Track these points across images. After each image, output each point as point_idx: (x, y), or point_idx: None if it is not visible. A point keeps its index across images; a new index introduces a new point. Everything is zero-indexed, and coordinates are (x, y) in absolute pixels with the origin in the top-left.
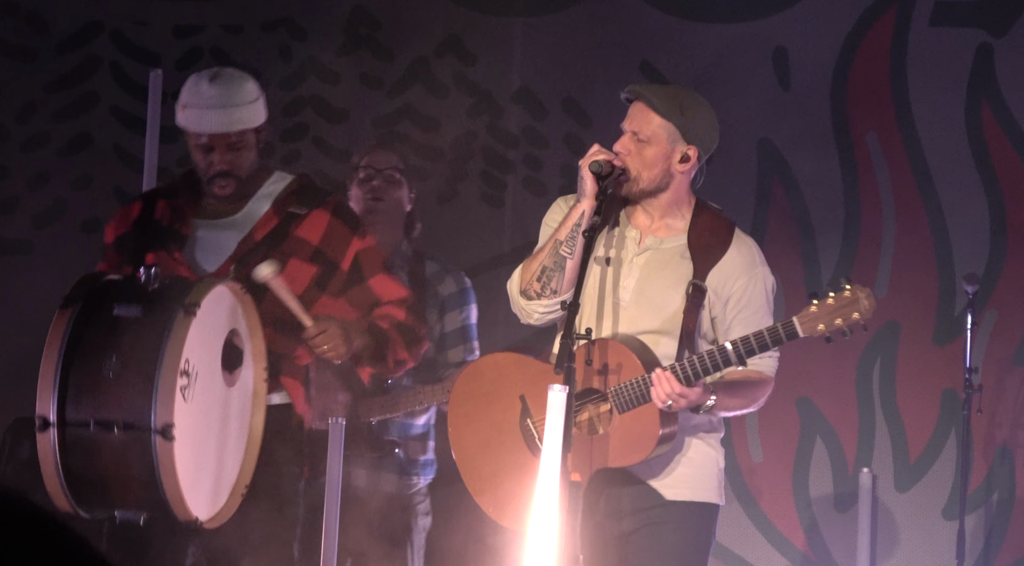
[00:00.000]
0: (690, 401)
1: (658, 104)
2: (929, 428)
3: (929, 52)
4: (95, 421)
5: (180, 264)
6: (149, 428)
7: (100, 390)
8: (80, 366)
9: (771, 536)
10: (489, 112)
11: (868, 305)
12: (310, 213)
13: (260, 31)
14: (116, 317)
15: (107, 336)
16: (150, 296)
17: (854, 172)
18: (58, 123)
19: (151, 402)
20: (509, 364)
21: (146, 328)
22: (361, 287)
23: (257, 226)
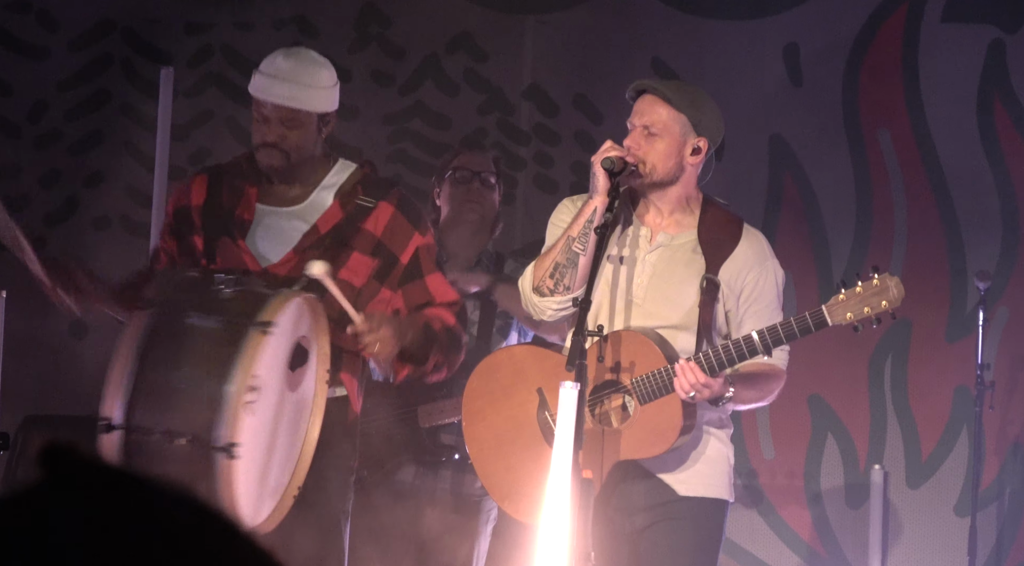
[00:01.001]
0: (713, 392)
1: (670, 96)
2: (941, 425)
3: (941, 48)
4: (161, 430)
5: (243, 252)
6: (214, 445)
7: (170, 400)
8: (152, 373)
9: (782, 533)
10: (500, 109)
11: (897, 293)
12: (376, 205)
13: (271, 29)
14: (191, 325)
15: (180, 345)
16: (226, 306)
17: (866, 168)
18: (70, 121)
19: (219, 419)
20: (526, 357)
21: (220, 342)
22: (418, 283)
23: (322, 218)
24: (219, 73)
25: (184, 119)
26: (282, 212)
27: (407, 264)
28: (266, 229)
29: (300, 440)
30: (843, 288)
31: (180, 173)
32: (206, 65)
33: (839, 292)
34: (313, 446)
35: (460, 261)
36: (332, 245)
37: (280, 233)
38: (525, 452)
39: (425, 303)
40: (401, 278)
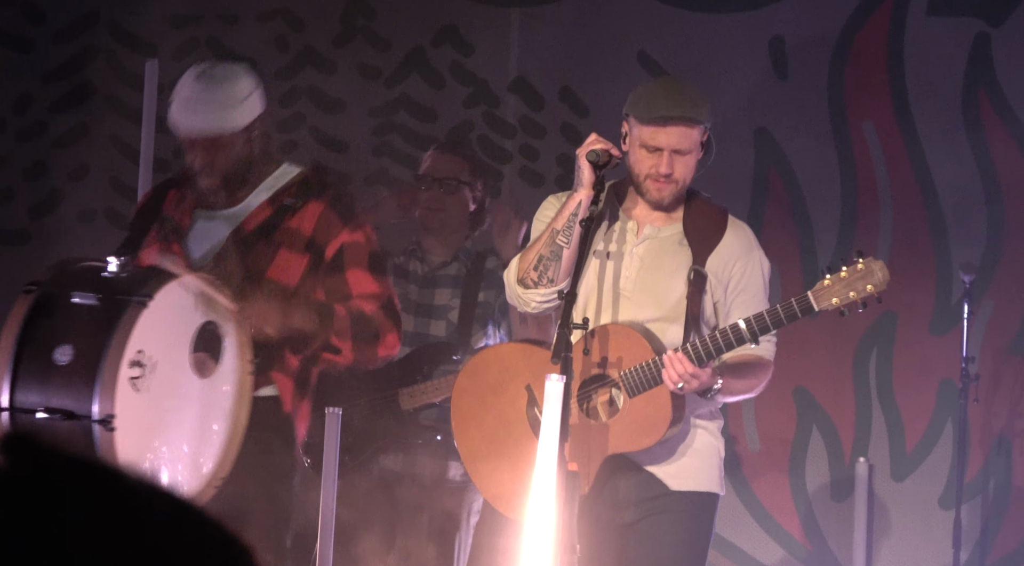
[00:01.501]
0: (701, 382)
1: (697, 116)
2: (926, 418)
3: (926, 41)
4: (44, 408)
5: (178, 256)
6: (90, 417)
7: (50, 377)
8: (32, 352)
9: (767, 525)
10: (486, 102)
11: (882, 277)
12: (306, 205)
13: (256, 21)
14: (73, 304)
15: (62, 323)
16: (110, 285)
17: (851, 161)
18: (54, 113)
19: (94, 391)
20: (514, 354)
21: (99, 317)
22: (337, 278)
23: (249, 217)
24: None
25: None
26: (216, 215)
27: (330, 259)
28: (199, 232)
29: (223, 430)
30: (828, 273)
31: (165, 166)
32: (191, 57)
33: (824, 277)
34: (239, 438)
35: (433, 259)
36: (257, 243)
37: (210, 235)
38: (516, 449)
39: (344, 297)
40: (323, 272)
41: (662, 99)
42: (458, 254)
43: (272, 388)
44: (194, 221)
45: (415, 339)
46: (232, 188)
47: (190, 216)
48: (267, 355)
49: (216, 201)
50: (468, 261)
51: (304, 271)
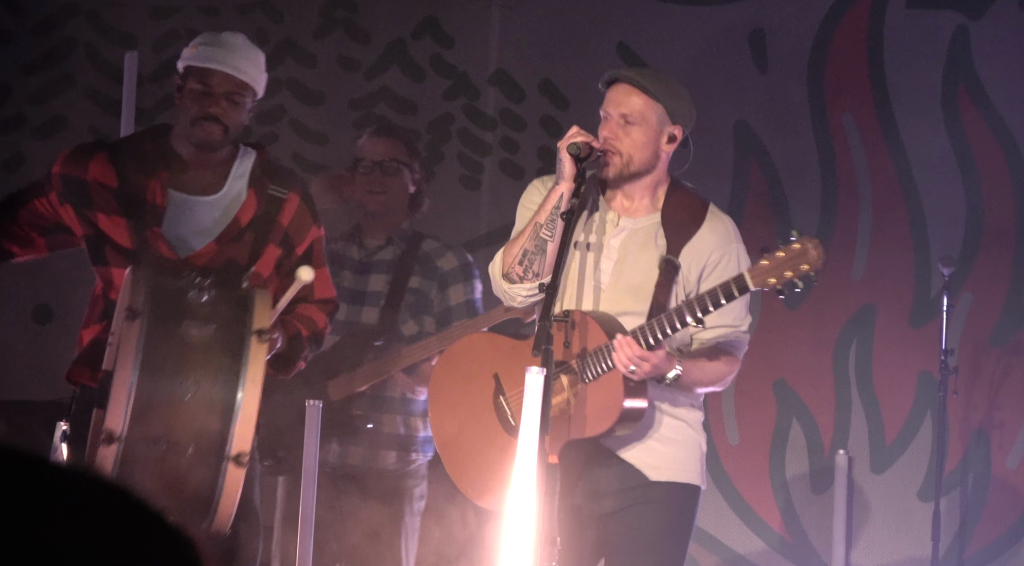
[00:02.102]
0: (653, 365)
1: (647, 85)
2: (905, 410)
3: (906, 34)
4: (166, 441)
5: (158, 238)
6: (225, 455)
7: (174, 410)
8: (153, 384)
9: (747, 518)
10: (466, 94)
11: (816, 255)
12: (287, 196)
13: (236, 13)
14: (187, 334)
15: (181, 355)
16: (215, 310)
17: (831, 154)
18: (34, 105)
19: (230, 429)
20: (485, 344)
21: (219, 350)
22: None
23: (243, 210)
24: None
25: (149, 104)
26: (199, 201)
27: (300, 255)
28: (182, 217)
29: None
30: (765, 253)
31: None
32: (171, 49)
33: (761, 258)
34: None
35: (370, 244)
36: (252, 237)
37: (198, 223)
38: (484, 439)
39: (304, 296)
40: (290, 267)
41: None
42: (392, 237)
43: None
44: (172, 204)
45: (346, 327)
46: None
47: (164, 197)
48: None
49: (195, 184)
50: (403, 244)
51: (275, 263)
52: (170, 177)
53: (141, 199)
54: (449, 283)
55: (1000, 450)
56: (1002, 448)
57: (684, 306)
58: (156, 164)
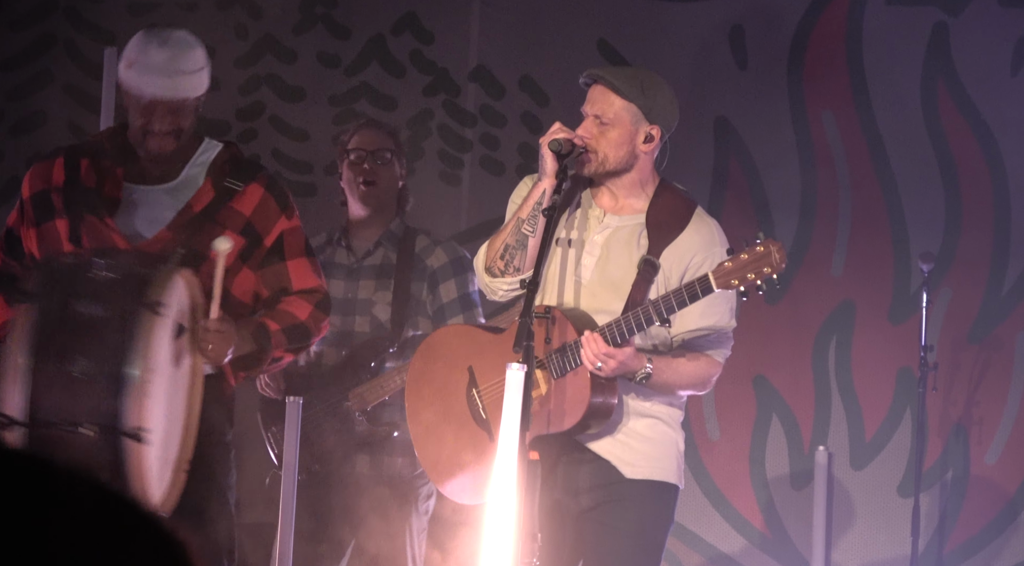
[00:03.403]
0: (619, 362)
1: (620, 86)
2: (885, 406)
3: (885, 31)
4: (64, 422)
5: (111, 230)
6: (122, 430)
7: (69, 390)
8: (46, 365)
9: (727, 514)
10: (446, 90)
11: (778, 258)
12: (247, 185)
13: (215, 9)
14: (79, 313)
15: (72, 335)
16: (109, 289)
17: (810, 151)
18: (12, 101)
19: (124, 404)
20: (459, 336)
21: (111, 326)
22: (277, 267)
23: (195, 197)
24: None
25: None
26: (153, 190)
27: (270, 247)
28: (135, 207)
29: (183, 414)
30: (729, 255)
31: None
32: None
33: (725, 259)
34: (196, 420)
35: (359, 248)
36: (205, 224)
37: (151, 211)
38: (456, 431)
39: (282, 289)
40: (263, 260)
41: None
42: (382, 240)
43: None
44: (127, 195)
45: (340, 338)
46: (176, 157)
47: (120, 188)
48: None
49: (150, 174)
50: (394, 247)
51: (237, 253)
52: (126, 170)
53: (97, 193)
54: (439, 280)
55: (979, 446)
56: (981, 444)
57: (651, 305)
58: (112, 159)
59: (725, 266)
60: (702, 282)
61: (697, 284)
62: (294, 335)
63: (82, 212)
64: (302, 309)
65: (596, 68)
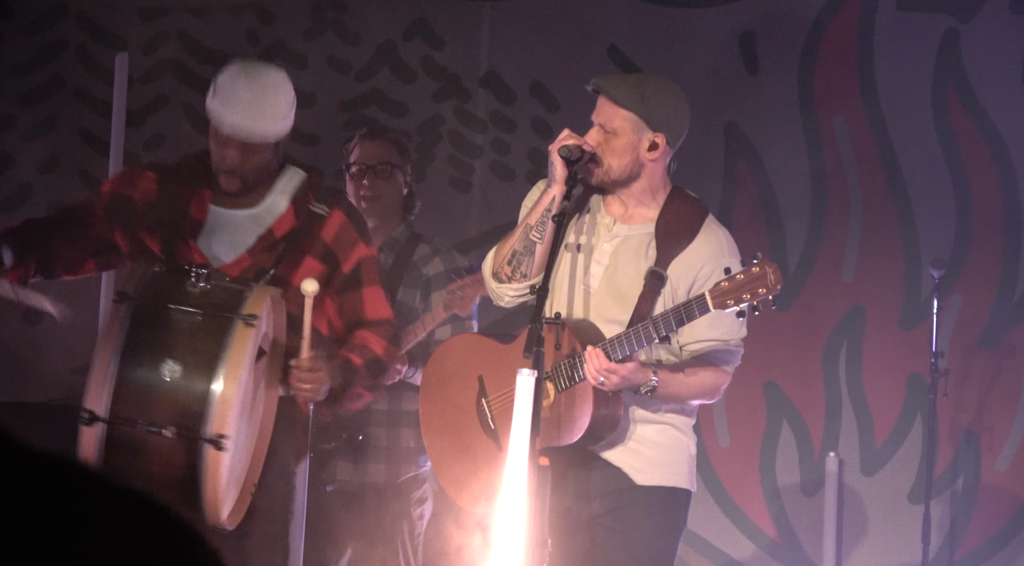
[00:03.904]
0: (622, 377)
1: (618, 96)
2: (895, 412)
3: (896, 37)
4: (146, 422)
5: (194, 252)
6: (202, 436)
7: (155, 392)
8: (135, 365)
9: (738, 520)
10: (456, 96)
11: (774, 280)
12: (330, 212)
13: (227, 14)
14: (173, 318)
15: (164, 337)
16: (205, 299)
17: (821, 156)
18: (24, 106)
19: (209, 410)
20: (470, 345)
21: (204, 334)
22: (354, 294)
23: (278, 223)
24: (174, 59)
25: (139, 105)
26: (236, 215)
27: (348, 274)
28: (219, 230)
29: (255, 436)
30: (726, 275)
31: (135, 159)
32: (161, 51)
33: (723, 279)
34: (267, 444)
35: None
36: (286, 250)
37: (233, 235)
38: (466, 439)
39: (357, 318)
40: (340, 287)
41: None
42: (383, 247)
43: (285, 387)
44: (212, 218)
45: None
46: (257, 186)
47: (206, 211)
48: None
49: (234, 199)
50: (392, 254)
51: (318, 278)
52: (213, 193)
53: (183, 213)
54: (432, 288)
55: (990, 452)
56: (992, 450)
57: (651, 322)
58: (200, 181)
59: (722, 286)
60: (699, 302)
61: (695, 303)
62: (374, 370)
63: (169, 231)
64: (377, 344)
65: (599, 76)
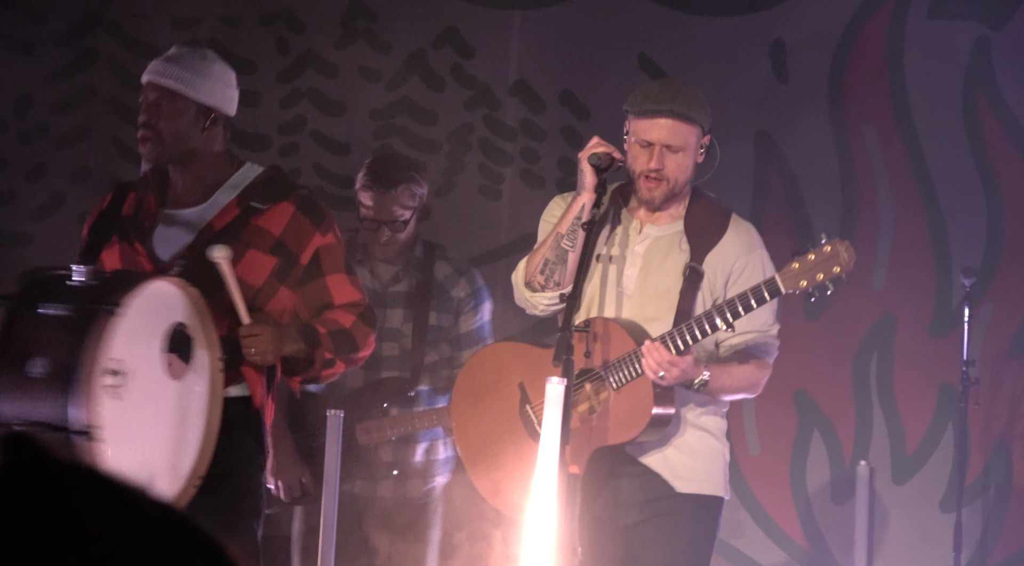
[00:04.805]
0: (682, 370)
1: (693, 114)
2: (926, 421)
3: (927, 45)
4: (20, 422)
5: (140, 255)
6: (71, 429)
7: (25, 391)
8: (5, 366)
9: (768, 529)
10: (486, 105)
11: (848, 257)
12: (274, 206)
13: (258, 23)
14: (42, 315)
15: (33, 335)
16: (78, 294)
17: (851, 165)
18: (56, 116)
19: (73, 403)
20: (508, 353)
21: (70, 327)
22: (317, 283)
23: (217, 216)
24: None
25: None
26: (182, 213)
27: (307, 265)
28: (164, 231)
29: (199, 430)
30: (796, 256)
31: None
32: None
33: (792, 261)
34: (214, 437)
35: (383, 274)
36: (226, 242)
37: (177, 233)
38: (509, 447)
39: (324, 305)
40: (301, 279)
41: (657, 94)
42: (405, 267)
43: (240, 387)
44: (158, 221)
45: (369, 363)
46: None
47: (154, 216)
48: (235, 351)
49: (182, 199)
50: (416, 274)
51: (271, 273)
52: (161, 197)
53: (132, 220)
54: (462, 311)
55: (1021, 461)
56: (1023, 459)
57: (715, 310)
58: (150, 188)
59: (793, 267)
60: (769, 284)
61: (764, 287)
62: (340, 340)
63: (112, 238)
64: (346, 318)
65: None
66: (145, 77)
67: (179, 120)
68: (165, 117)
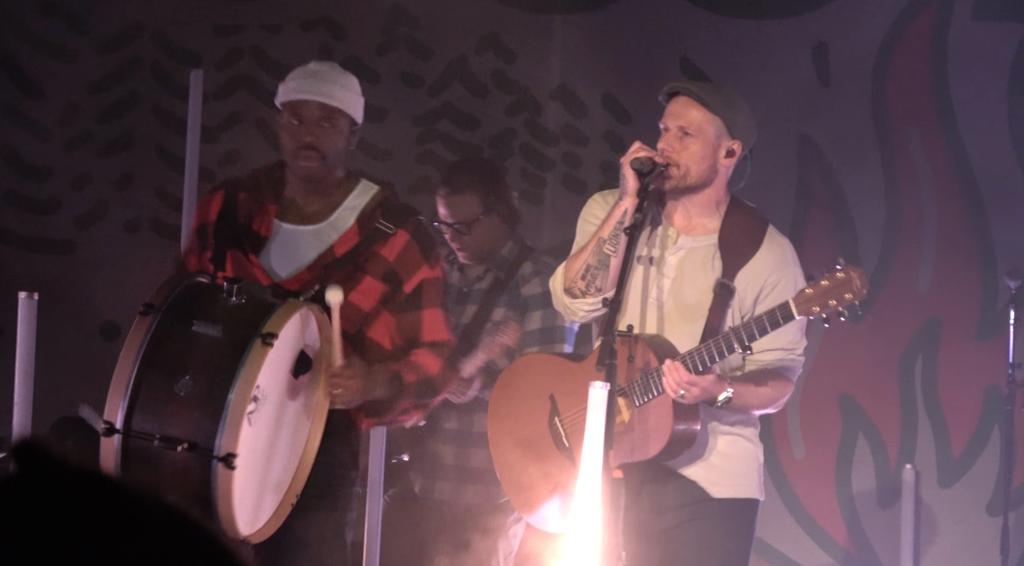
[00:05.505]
0: (702, 389)
1: (706, 98)
2: (972, 424)
3: (970, 46)
4: (160, 436)
5: (254, 267)
6: (212, 454)
7: (169, 406)
8: (153, 378)
9: (813, 532)
10: (528, 110)
11: (860, 284)
12: (394, 232)
13: (300, 30)
14: (195, 333)
15: (183, 352)
16: (230, 314)
17: (895, 167)
18: (100, 124)
19: (218, 429)
20: (541, 364)
21: (222, 351)
22: (413, 315)
23: (339, 240)
24: (248, 75)
25: (214, 121)
26: (300, 230)
27: (409, 293)
28: (281, 245)
29: (300, 447)
30: (810, 281)
31: (210, 175)
32: (235, 67)
33: (806, 286)
34: (313, 454)
35: (470, 271)
36: (346, 268)
37: (295, 251)
38: (538, 459)
39: (414, 338)
40: (400, 306)
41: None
42: (491, 264)
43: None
44: (275, 232)
45: None
46: (320, 184)
47: (270, 226)
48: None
49: (301, 213)
50: (502, 271)
51: (379, 299)
52: (280, 209)
53: (246, 229)
54: (529, 309)
55: None
56: None
57: (732, 333)
58: (267, 196)
59: (806, 293)
60: (783, 309)
61: (778, 311)
62: (424, 389)
63: (231, 246)
64: (433, 364)
65: (678, 82)
66: (300, 95)
67: (340, 138)
68: (328, 136)
